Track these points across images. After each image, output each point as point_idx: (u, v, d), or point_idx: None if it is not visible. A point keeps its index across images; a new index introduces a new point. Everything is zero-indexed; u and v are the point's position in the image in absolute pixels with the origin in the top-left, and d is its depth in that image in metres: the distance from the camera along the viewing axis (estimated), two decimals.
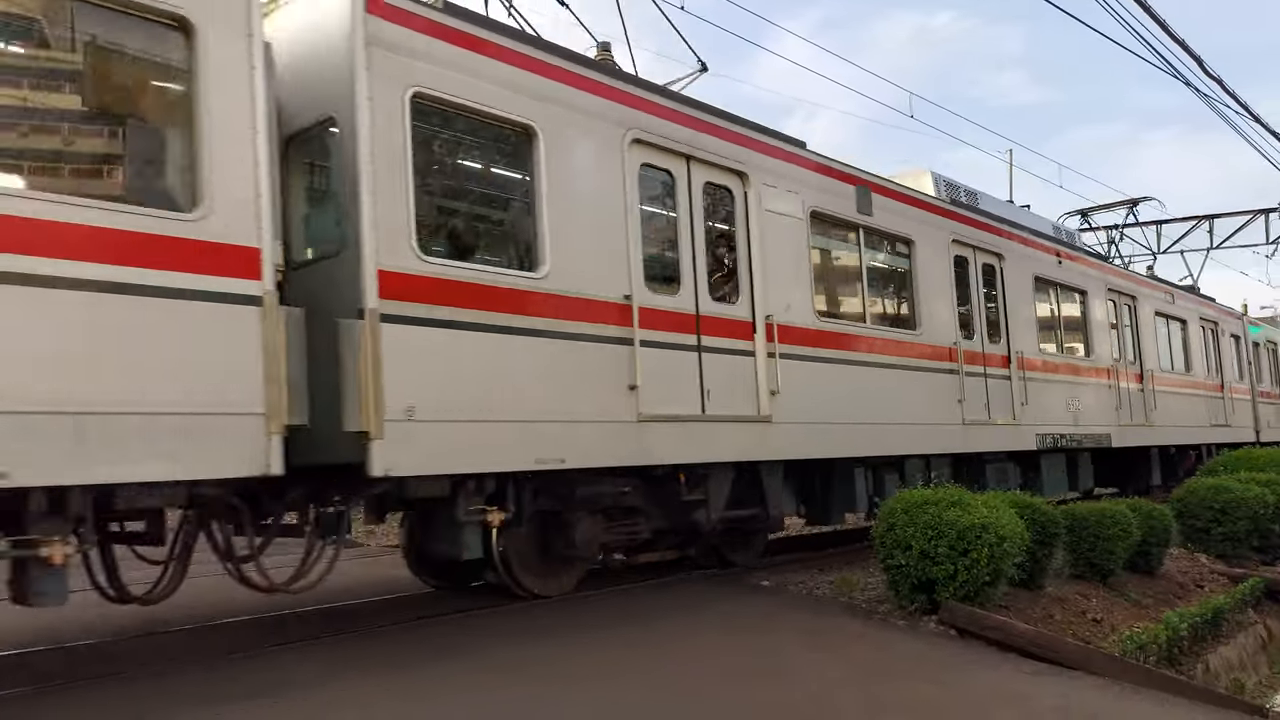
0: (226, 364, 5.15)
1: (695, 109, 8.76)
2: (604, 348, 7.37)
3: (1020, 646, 6.95)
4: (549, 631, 6.67)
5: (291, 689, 5.06)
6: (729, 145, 8.93)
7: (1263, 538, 12.67)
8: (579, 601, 7.78)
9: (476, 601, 7.59)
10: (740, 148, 9.03)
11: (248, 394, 5.20)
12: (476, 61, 6.72)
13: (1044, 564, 8.82)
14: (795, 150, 9.79)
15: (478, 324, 6.45)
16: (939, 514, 7.48)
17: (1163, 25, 11.03)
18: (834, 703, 5.35)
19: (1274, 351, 25.27)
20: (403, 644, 6.21)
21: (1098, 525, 9.59)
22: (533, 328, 6.83)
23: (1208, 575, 11.27)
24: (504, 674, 5.50)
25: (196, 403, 4.99)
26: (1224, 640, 9.36)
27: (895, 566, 7.65)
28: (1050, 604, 8.58)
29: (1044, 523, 8.72)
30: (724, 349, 8.54)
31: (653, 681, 5.53)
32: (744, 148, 9.05)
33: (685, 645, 6.42)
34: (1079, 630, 8.15)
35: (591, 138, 7.59)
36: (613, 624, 6.99)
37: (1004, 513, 7.73)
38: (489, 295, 6.58)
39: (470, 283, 6.50)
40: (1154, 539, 10.44)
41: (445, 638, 6.42)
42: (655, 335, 7.83)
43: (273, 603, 7.08)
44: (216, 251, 5.18)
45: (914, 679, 6.00)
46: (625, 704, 5.11)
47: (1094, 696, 5.99)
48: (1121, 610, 9.15)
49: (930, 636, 7.18)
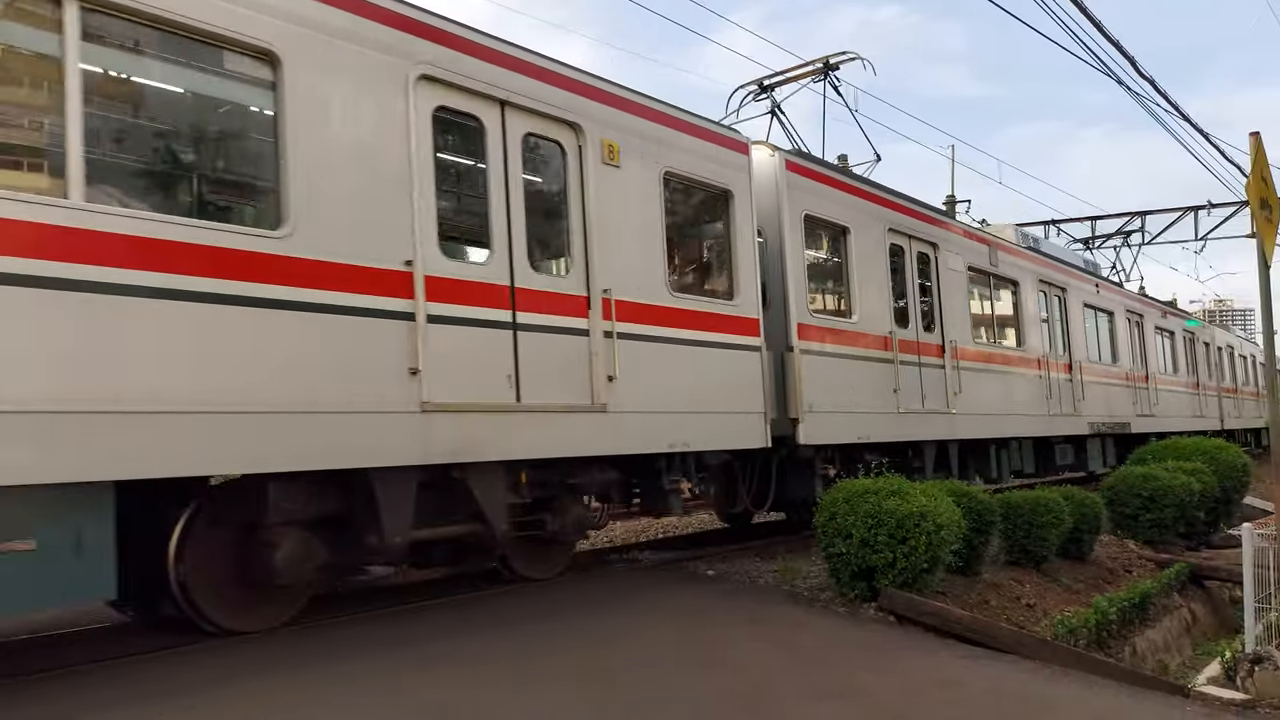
0: (749, 384, 9.19)
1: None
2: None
3: (956, 632, 7.12)
4: (483, 625, 6.65)
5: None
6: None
7: (1188, 524, 13.14)
8: (519, 594, 7.77)
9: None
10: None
11: (758, 401, 9.27)
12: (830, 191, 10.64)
13: (980, 551, 9.05)
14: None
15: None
16: (879, 503, 7.63)
17: (1098, 26, 11.31)
18: (775, 691, 5.43)
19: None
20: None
21: (1032, 513, 9.85)
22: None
23: (1136, 561, 11.65)
24: (458, 665, 5.48)
25: (742, 406, 9.07)
26: (1150, 623, 9.70)
27: (836, 555, 7.78)
28: (986, 590, 8.81)
29: (980, 511, 8.94)
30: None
31: (596, 672, 5.55)
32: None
33: (630, 635, 6.45)
34: (1013, 615, 8.38)
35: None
36: (560, 614, 6.99)
37: (942, 501, 7.91)
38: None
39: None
40: (1085, 526, 10.77)
41: (394, 630, 6.37)
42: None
43: None
44: (747, 322, 9.27)
45: (853, 666, 6.12)
46: (569, 693, 5.13)
47: (1024, 680, 6.17)
48: (1054, 595, 9.43)
49: (870, 623, 7.32)
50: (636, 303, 8.05)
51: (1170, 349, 23.10)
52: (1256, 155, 7.44)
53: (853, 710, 5.18)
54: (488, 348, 6.89)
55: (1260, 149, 7.45)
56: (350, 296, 6.02)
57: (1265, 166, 7.55)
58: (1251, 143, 7.49)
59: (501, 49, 7.27)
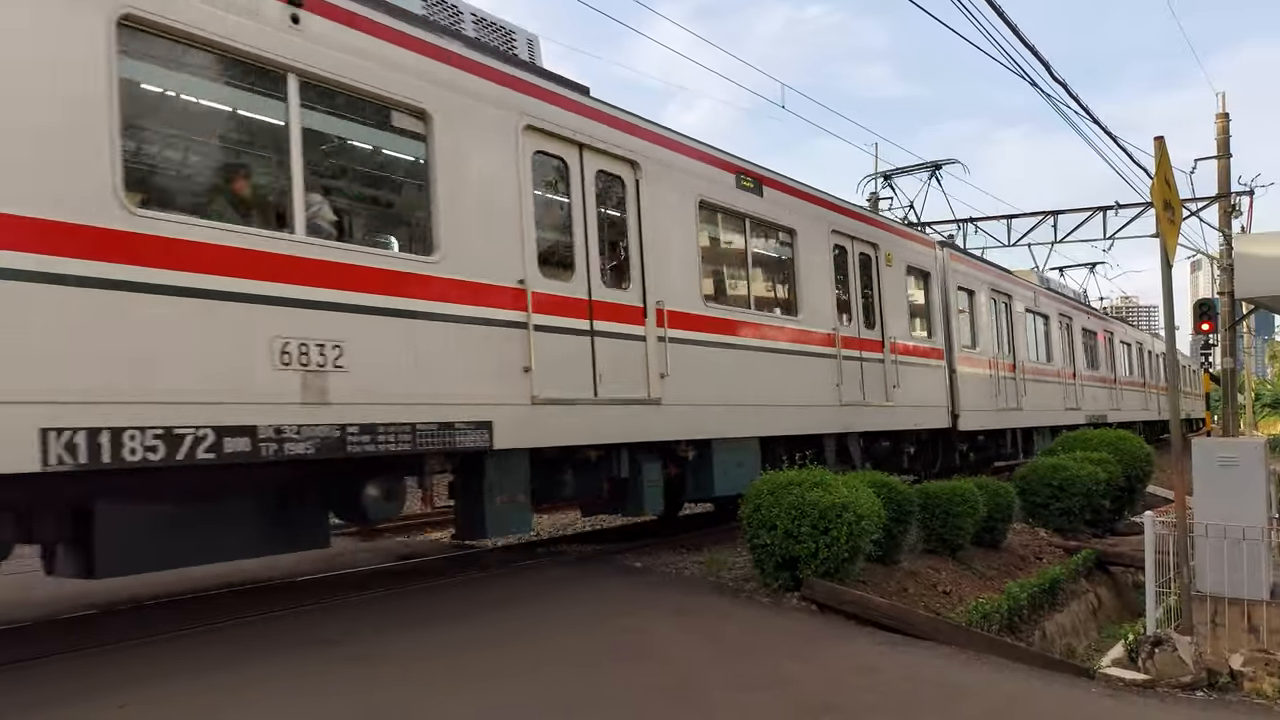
0: (939, 388, 14.53)
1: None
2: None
3: (876, 619, 7.29)
4: (412, 621, 6.57)
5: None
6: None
7: (1095, 512, 13.69)
8: (444, 589, 7.69)
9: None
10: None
11: (943, 398, 14.67)
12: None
13: (899, 540, 9.28)
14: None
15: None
16: (802, 494, 7.76)
17: (1014, 29, 11.63)
18: (700, 682, 5.49)
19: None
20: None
21: (949, 503, 10.14)
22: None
23: (1046, 548, 12.10)
24: (387, 663, 5.39)
25: (933, 401, 14.13)
26: (1059, 608, 10.08)
27: (761, 546, 7.89)
28: (904, 578, 9.04)
29: (900, 501, 9.16)
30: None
31: (526, 667, 5.53)
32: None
33: (559, 629, 6.44)
34: (930, 602, 8.62)
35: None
36: (489, 609, 6.95)
37: (863, 492, 8.08)
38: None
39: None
40: (999, 515, 11.13)
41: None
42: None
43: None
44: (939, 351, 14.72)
45: (777, 655, 6.22)
46: (500, 691, 5.10)
47: (940, 665, 6.36)
48: (969, 582, 9.72)
49: (793, 612, 7.45)
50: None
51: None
52: (1160, 159, 7.74)
53: (778, 699, 5.27)
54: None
55: (1164, 153, 7.74)
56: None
57: (1168, 170, 7.86)
58: (1156, 147, 7.78)
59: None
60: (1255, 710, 6.04)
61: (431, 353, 6.77)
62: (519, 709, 4.85)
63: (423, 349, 6.71)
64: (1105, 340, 26.11)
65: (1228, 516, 7.87)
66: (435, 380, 6.79)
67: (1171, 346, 8.43)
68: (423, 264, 6.87)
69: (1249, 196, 26.66)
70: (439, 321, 6.86)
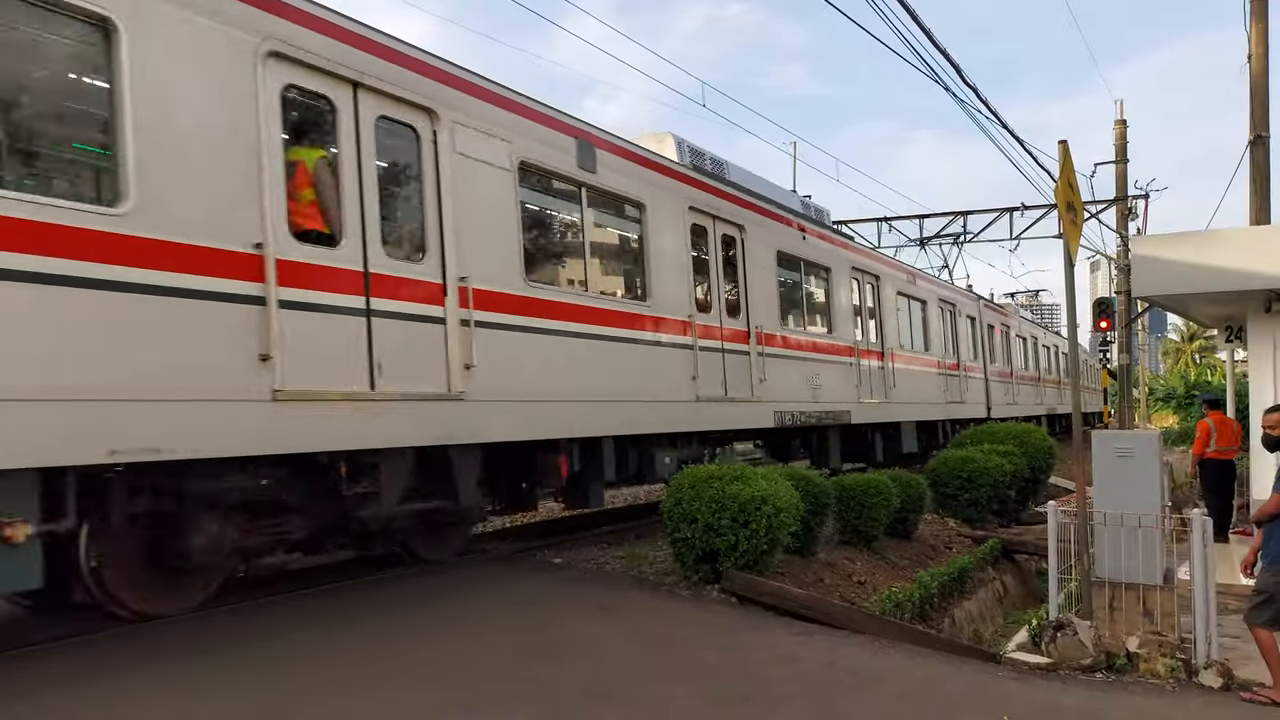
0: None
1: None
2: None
3: (793, 610, 7.42)
4: (325, 622, 6.41)
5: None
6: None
7: (1001, 503, 14.19)
8: (363, 587, 7.53)
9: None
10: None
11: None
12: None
13: (816, 532, 9.45)
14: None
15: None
16: (723, 488, 7.84)
17: (927, 33, 11.91)
18: (621, 677, 5.50)
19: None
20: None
21: (863, 495, 10.38)
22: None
23: (955, 538, 12.48)
24: (297, 664, 5.25)
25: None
26: (967, 595, 10.41)
27: (682, 539, 7.95)
28: (821, 569, 9.21)
29: (817, 494, 9.33)
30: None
31: (445, 667, 5.45)
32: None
33: (479, 628, 6.36)
34: (846, 592, 8.81)
35: None
36: (408, 609, 6.81)
37: (781, 485, 8.21)
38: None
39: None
40: (911, 506, 11.43)
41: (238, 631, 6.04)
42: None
43: None
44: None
45: (697, 647, 6.27)
46: (416, 691, 5.01)
47: (856, 653, 6.50)
48: (882, 572, 9.97)
49: (713, 605, 7.52)
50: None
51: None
52: (1064, 161, 8.03)
53: (697, 691, 5.31)
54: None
55: (1067, 156, 8.03)
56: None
57: (1072, 172, 8.16)
58: (1060, 150, 8.06)
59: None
60: (1149, 690, 6.33)
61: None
62: (433, 709, 4.77)
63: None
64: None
65: (1124, 505, 8.23)
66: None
67: (1074, 343, 8.76)
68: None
69: (1144, 200, 27.93)
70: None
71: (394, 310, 7.08)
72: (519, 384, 8.17)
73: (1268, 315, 10.85)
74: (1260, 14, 15.12)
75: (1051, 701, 5.84)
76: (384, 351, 6.92)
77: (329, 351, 6.53)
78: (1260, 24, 15.08)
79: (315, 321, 6.44)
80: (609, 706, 4.97)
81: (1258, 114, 15.02)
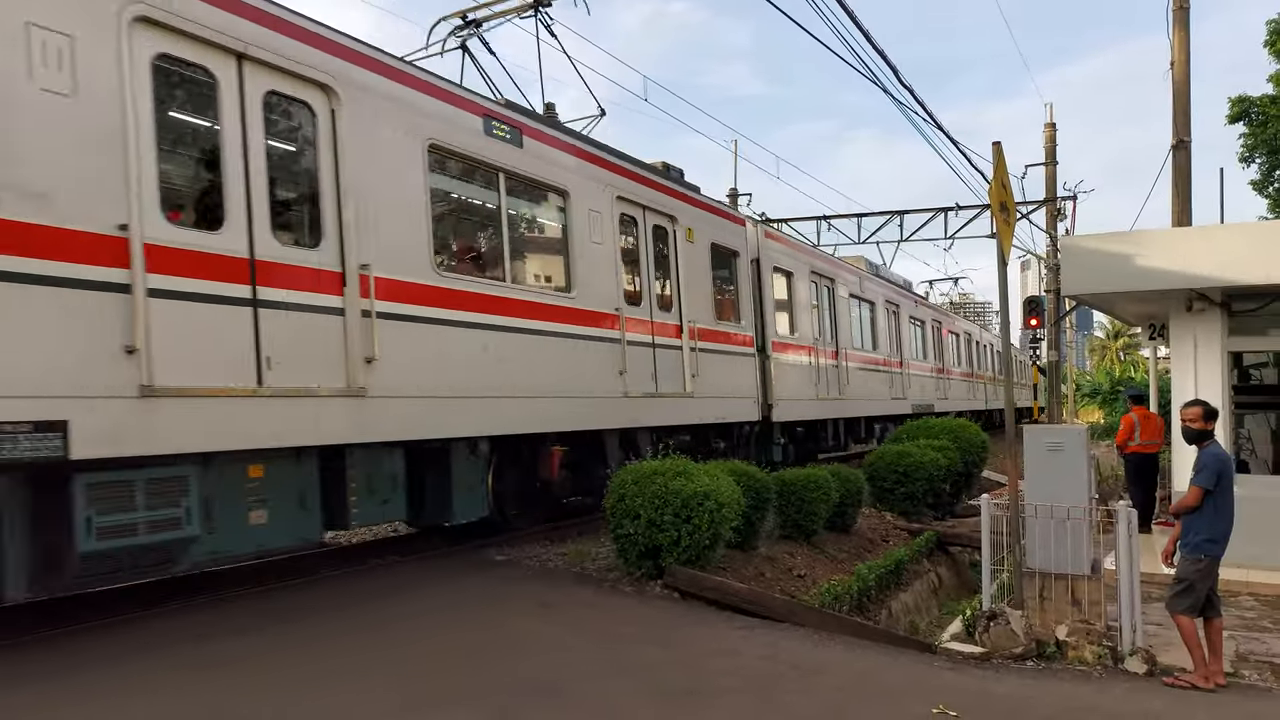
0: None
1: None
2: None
3: (735, 604, 7.49)
4: (267, 621, 6.28)
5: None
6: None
7: (936, 496, 14.50)
8: (298, 588, 7.39)
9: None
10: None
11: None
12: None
13: (757, 526, 9.55)
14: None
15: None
16: (665, 483, 7.87)
17: (866, 35, 12.10)
18: (564, 673, 5.49)
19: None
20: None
21: (804, 489, 10.50)
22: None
23: (892, 531, 12.71)
24: (239, 665, 5.13)
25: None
26: (904, 587, 10.61)
27: (624, 535, 7.96)
28: (762, 563, 9.31)
29: (758, 489, 9.42)
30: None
31: (387, 666, 5.38)
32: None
33: (422, 627, 6.30)
34: (786, 586, 8.91)
35: None
36: (349, 607, 6.71)
37: (723, 480, 8.27)
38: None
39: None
40: (850, 500, 11.61)
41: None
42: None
43: None
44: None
45: (640, 642, 6.29)
46: (358, 690, 4.94)
47: (795, 645, 6.59)
48: (822, 565, 10.11)
49: (656, 600, 7.56)
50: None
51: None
52: (998, 163, 8.23)
53: (640, 686, 5.33)
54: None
55: (1001, 157, 8.23)
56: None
57: (1005, 174, 8.36)
58: (994, 152, 8.26)
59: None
60: (1078, 677, 6.54)
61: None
62: (377, 706, 4.71)
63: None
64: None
65: (1054, 498, 8.46)
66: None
67: (1007, 341, 8.99)
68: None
69: (1073, 201, 28.77)
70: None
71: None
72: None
73: (1189, 314, 11.25)
74: (1182, 22, 15.65)
75: (985, 690, 5.99)
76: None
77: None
78: (1182, 32, 15.61)
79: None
80: (555, 702, 4.96)
81: (1180, 120, 15.56)
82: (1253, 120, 24.68)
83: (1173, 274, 10.66)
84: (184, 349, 5.98)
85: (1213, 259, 10.56)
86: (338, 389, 6.97)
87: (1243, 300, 11.00)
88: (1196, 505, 6.60)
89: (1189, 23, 15.70)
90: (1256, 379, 12.43)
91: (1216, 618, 6.69)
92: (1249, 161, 25.58)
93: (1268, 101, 24.26)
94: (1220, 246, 10.73)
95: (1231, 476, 6.69)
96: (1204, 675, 6.39)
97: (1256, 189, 26.18)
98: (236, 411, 6.26)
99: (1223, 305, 11.04)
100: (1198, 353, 11.21)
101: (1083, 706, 5.72)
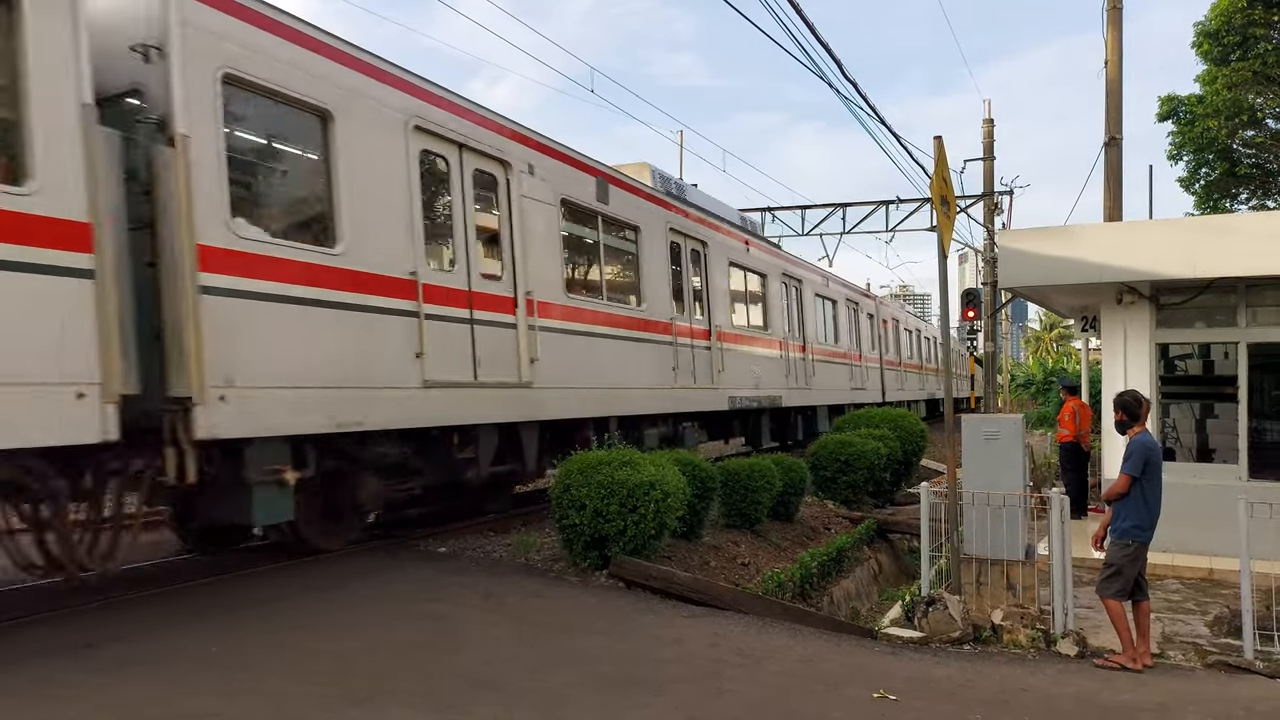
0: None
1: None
2: None
3: (680, 593, 7.52)
4: (196, 619, 6.13)
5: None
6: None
7: (877, 485, 14.73)
8: (245, 577, 7.23)
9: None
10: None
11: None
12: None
13: (702, 516, 9.60)
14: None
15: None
16: (611, 474, 7.86)
17: (811, 28, 12.15)
18: (507, 665, 5.45)
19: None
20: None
21: (748, 479, 10.59)
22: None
23: (834, 519, 12.89)
24: (160, 668, 4.99)
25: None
26: (845, 574, 10.76)
27: (570, 525, 7.94)
28: (707, 552, 9.37)
29: (703, 478, 9.47)
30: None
31: (326, 661, 5.29)
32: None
33: (361, 620, 6.20)
34: (731, 574, 8.98)
35: None
36: (284, 601, 6.58)
37: (669, 470, 8.29)
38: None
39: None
40: (793, 489, 11.74)
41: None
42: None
43: None
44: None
45: (585, 633, 6.28)
46: (293, 689, 4.84)
47: (740, 632, 6.65)
48: (766, 554, 10.21)
49: (601, 590, 7.55)
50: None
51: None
52: (939, 157, 8.36)
53: (586, 676, 5.32)
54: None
55: (942, 151, 8.37)
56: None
57: (945, 168, 8.50)
58: (935, 146, 8.40)
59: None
60: (1013, 659, 6.71)
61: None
62: (312, 703, 4.62)
63: None
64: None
65: (990, 486, 8.66)
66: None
67: (947, 332, 9.15)
68: None
69: (1010, 196, 29.43)
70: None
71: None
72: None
73: (1119, 306, 11.59)
74: (1115, 22, 16.07)
75: (924, 674, 6.11)
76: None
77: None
78: (1115, 31, 16.03)
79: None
80: (497, 696, 4.92)
81: (1112, 117, 15.99)
82: (1180, 119, 25.49)
83: (1104, 268, 10.97)
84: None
85: (1142, 254, 10.89)
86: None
87: (1170, 294, 11.38)
88: (1125, 492, 6.80)
89: (1122, 22, 16.12)
90: (1182, 370, 12.86)
91: (1144, 601, 6.92)
92: (1177, 159, 26.45)
93: (1195, 101, 25.07)
94: (1148, 241, 11.07)
95: (1159, 464, 6.90)
96: (1132, 656, 6.61)
97: (1184, 186, 27.07)
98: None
99: (1151, 299, 11.40)
100: (1127, 344, 11.57)
101: (1017, 688, 5.87)
